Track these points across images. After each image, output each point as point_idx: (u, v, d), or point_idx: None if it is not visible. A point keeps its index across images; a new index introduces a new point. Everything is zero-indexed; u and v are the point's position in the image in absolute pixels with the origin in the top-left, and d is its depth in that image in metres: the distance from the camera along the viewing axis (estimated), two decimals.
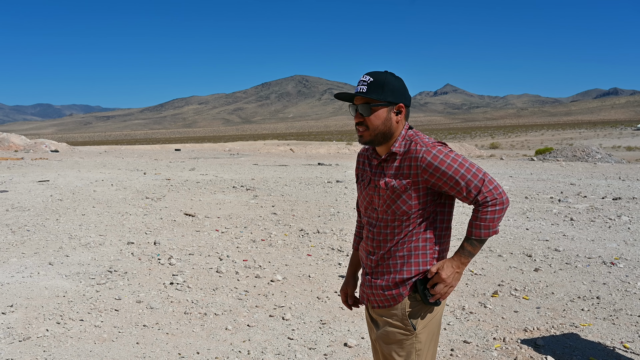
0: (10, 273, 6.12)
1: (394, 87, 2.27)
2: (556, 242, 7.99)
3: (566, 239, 8.16)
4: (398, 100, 2.28)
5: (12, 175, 17.18)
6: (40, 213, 9.93)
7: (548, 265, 6.72)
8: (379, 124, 2.27)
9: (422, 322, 2.32)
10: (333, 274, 6.35)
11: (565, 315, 5.05)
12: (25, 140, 34.81)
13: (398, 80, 2.30)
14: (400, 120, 2.31)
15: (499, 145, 67.82)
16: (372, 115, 2.27)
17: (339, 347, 4.36)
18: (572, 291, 5.71)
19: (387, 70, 2.32)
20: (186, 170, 20.29)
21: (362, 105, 2.27)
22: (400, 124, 2.31)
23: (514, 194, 13.33)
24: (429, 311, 2.33)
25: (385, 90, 2.25)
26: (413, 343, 2.31)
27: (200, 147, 50.04)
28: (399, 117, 2.30)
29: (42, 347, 4.20)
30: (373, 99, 2.25)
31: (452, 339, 4.51)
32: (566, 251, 7.41)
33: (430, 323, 2.35)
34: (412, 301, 2.31)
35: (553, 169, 21.36)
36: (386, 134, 2.29)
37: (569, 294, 5.62)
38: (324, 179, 17.02)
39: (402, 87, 2.31)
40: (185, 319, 4.89)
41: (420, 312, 2.32)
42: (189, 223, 9.26)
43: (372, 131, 2.28)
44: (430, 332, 2.36)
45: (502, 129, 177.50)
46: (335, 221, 9.58)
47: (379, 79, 2.26)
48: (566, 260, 6.96)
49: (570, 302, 5.38)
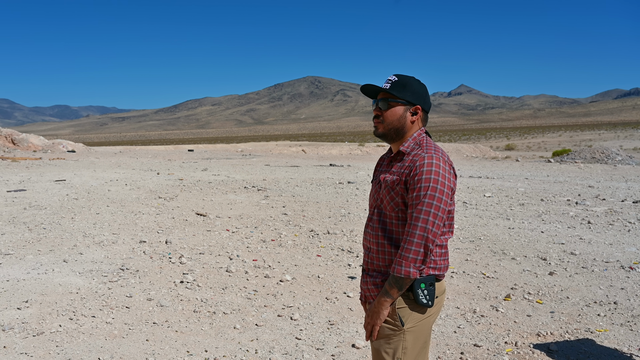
0: (26, 270, 6.25)
1: (414, 90, 2.44)
2: (572, 245, 7.88)
3: (583, 243, 8.04)
4: (416, 102, 2.43)
5: (30, 174, 17.42)
6: (57, 212, 10.08)
7: (563, 269, 6.64)
8: (394, 120, 2.42)
9: (412, 320, 2.38)
10: (342, 275, 6.40)
11: (580, 320, 4.99)
12: (44, 140, 35.18)
13: (421, 85, 2.47)
14: (416, 122, 2.45)
15: (515, 147, 67.08)
16: (389, 111, 2.43)
17: (346, 348, 4.40)
18: (588, 296, 5.64)
19: (414, 77, 2.47)
20: (199, 171, 20.42)
21: (382, 100, 2.44)
22: (415, 125, 2.45)
23: (529, 196, 13.22)
24: (421, 311, 2.39)
25: (406, 90, 2.41)
26: (400, 339, 2.37)
27: (213, 148, 50.23)
28: (415, 118, 2.44)
29: (54, 342, 4.30)
30: (393, 94, 2.41)
31: (462, 342, 4.51)
32: (583, 255, 7.31)
33: (420, 324, 2.40)
34: (404, 298, 2.37)
35: (571, 171, 21.11)
36: (399, 131, 2.43)
37: (584, 299, 5.54)
38: (336, 180, 17.06)
39: (423, 91, 2.46)
40: (195, 317, 4.96)
41: (411, 310, 2.38)
42: (200, 223, 9.36)
43: (387, 125, 2.43)
44: (419, 333, 2.41)
45: (518, 130, 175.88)
46: (345, 222, 9.63)
47: (403, 80, 2.43)
48: (582, 264, 6.86)
49: (586, 307, 5.31)
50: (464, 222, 9.72)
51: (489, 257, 7.26)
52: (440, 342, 4.54)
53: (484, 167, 23.92)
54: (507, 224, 9.50)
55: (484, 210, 10.99)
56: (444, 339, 4.61)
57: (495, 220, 9.93)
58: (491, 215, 10.47)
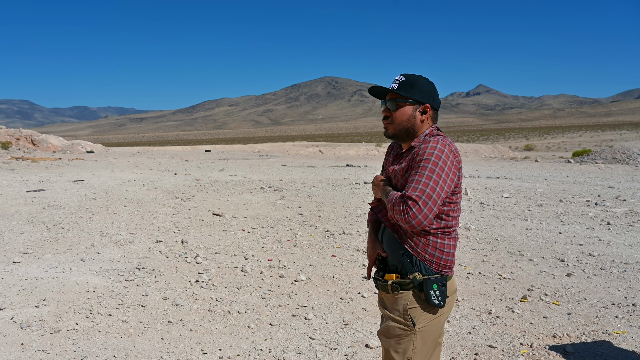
0: (44, 268, 6.32)
1: (422, 88, 2.43)
2: (591, 246, 7.79)
3: (602, 244, 7.95)
4: (425, 101, 2.43)
5: (49, 175, 17.65)
6: (75, 211, 10.19)
7: (581, 270, 6.56)
8: (404, 120, 2.42)
9: (423, 320, 2.38)
10: (357, 275, 6.39)
11: (597, 322, 4.92)
12: (63, 141, 35.61)
13: (429, 83, 2.45)
14: (425, 120, 2.44)
15: (534, 147, 66.37)
16: (398, 111, 2.43)
17: (360, 348, 4.39)
18: (606, 297, 5.56)
19: (423, 76, 2.48)
20: (215, 171, 20.53)
21: (391, 101, 2.44)
22: (424, 123, 2.44)
23: (548, 196, 13.08)
24: (432, 312, 2.39)
25: (414, 90, 2.41)
26: (411, 340, 2.38)
27: (230, 148, 50.49)
28: (424, 116, 2.44)
29: (71, 339, 4.34)
30: (401, 95, 2.42)
31: (477, 343, 4.47)
32: (601, 256, 7.21)
33: (432, 324, 2.40)
34: (416, 299, 2.38)
35: (591, 171, 20.85)
36: (409, 131, 2.44)
37: (602, 300, 5.47)
38: (352, 180, 17.04)
39: (431, 89, 2.45)
40: (209, 317, 4.98)
41: (423, 310, 2.38)
42: (217, 223, 9.40)
43: (397, 126, 2.44)
44: (430, 333, 2.41)
45: (538, 130, 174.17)
46: (361, 222, 9.61)
47: (410, 79, 2.43)
48: (601, 265, 6.78)
49: (603, 309, 5.24)
50: (480, 222, 9.66)
51: (506, 258, 7.20)
52: (455, 343, 4.51)
53: (502, 168, 23.74)
54: (524, 225, 9.41)
55: (501, 211, 10.90)
56: (458, 339, 4.58)
57: (513, 221, 9.84)
58: (508, 216, 10.38)
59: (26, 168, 20.14)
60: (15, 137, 32.71)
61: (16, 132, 33.85)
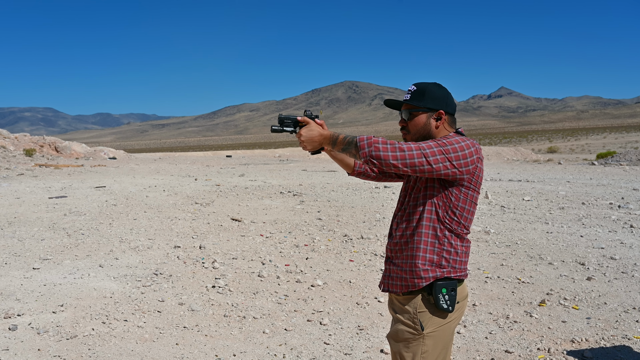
0: (63, 274, 6.39)
1: (434, 95, 2.45)
2: (612, 249, 7.67)
3: (624, 247, 7.82)
4: (438, 107, 2.45)
5: (71, 181, 17.88)
6: (95, 217, 10.30)
7: (602, 274, 6.46)
8: (419, 128, 2.46)
9: (432, 324, 2.37)
10: (374, 280, 6.34)
11: (617, 326, 4.84)
12: (86, 148, 36.08)
13: (440, 89, 2.49)
14: (441, 126, 2.46)
15: (558, 149, 65.63)
16: (413, 121, 2.48)
17: (375, 354, 4.36)
18: (626, 301, 5.47)
19: (436, 82, 2.52)
20: (236, 176, 20.62)
21: (405, 111, 2.50)
22: (440, 129, 2.46)
23: (570, 199, 12.90)
24: (441, 316, 2.38)
25: (426, 98, 2.45)
26: (419, 344, 2.37)
27: (250, 154, 50.72)
28: (439, 122, 2.47)
29: (87, 345, 4.37)
30: (413, 105, 2.46)
31: (494, 348, 4.42)
32: (623, 259, 7.10)
33: (441, 329, 2.39)
34: (425, 303, 2.38)
35: (615, 173, 20.55)
36: (426, 138, 2.46)
37: (623, 305, 5.38)
38: (372, 184, 16.98)
39: (443, 95, 2.47)
40: (225, 322, 4.98)
41: (432, 315, 2.38)
42: (235, 228, 9.42)
43: (413, 135, 2.49)
44: (439, 338, 2.39)
45: (561, 132, 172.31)
46: (380, 227, 9.56)
47: (421, 88, 2.47)
48: (622, 269, 6.66)
49: (624, 313, 5.15)
50: (500, 226, 9.55)
51: (525, 262, 7.11)
52: (471, 348, 4.46)
53: (524, 171, 23.49)
54: (545, 228, 9.29)
55: (522, 215, 10.77)
56: (474, 344, 4.52)
57: (533, 224, 9.72)
58: (529, 219, 10.25)
59: (49, 175, 20.43)
60: (39, 144, 33.22)
61: (40, 139, 34.34)
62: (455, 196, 2.35)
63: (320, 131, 2.44)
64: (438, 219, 2.36)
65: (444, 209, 2.36)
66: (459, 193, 2.35)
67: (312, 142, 2.45)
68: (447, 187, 2.34)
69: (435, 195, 2.36)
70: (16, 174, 20.43)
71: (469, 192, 2.36)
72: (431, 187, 2.37)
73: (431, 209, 2.37)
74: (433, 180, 2.36)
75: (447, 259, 2.37)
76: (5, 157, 27.03)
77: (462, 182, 2.34)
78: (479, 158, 2.34)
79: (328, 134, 2.43)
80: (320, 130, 2.45)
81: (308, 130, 2.45)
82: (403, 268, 2.43)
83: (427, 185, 2.38)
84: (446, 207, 2.35)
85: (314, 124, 2.48)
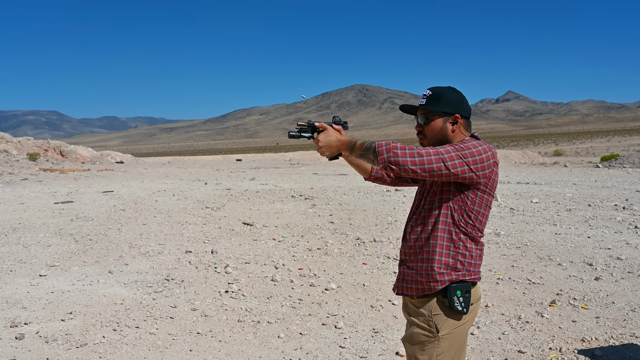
0: (71, 281, 6.29)
1: (449, 99, 2.45)
2: (619, 250, 7.74)
3: (629, 247, 7.88)
4: (453, 111, 2.45)
5: (78, 186, 17.83)
6: (103, 223, 10.22)
7: (609, 274, 6.51)
8: (436, 132, 2.46)
9: (447, 327, 2.39)
10: (388, 283, 6.23)
11: (625, 325, 4.88)
12: (92, 152, 36.02)
13: (456, 93, 2.49)
14: (457, 130, 2.48)
15: (563, 152, 66.01)
16: (429, 125, 2.48)
17: (390, 356, 4.30)
18: (634, 300, 5.52)
19: (450, 86, 2.51)
20: (246, 180, 20.55)
21: (421, 116, 2.50)
22: (456, 133, 2.48)
23: (576, 201, 12.92)
24: (456, 318, 2.41)
25: (441, 102, 2.44)
26: (435, 347, 2.39)
27: (261, 157, 50.68)
28: (455, 126, 2.46)
29: (97, 353, 4.27)
30: (430, 110, 2.46)
31: (507, 349, 4.42)
32: (629, 259, 7.16)
33: (455, 331, 2.40)
34: (439, 305, 2.39)
35: (619, 175, 20.64)
36: (443, 142, 2.46)
37: (630, 304, 5.43)
38: (383, 187, 16.86)
39: (458, 99, 2.47)
40: (239, 327, 4.87)
41: (446, 317, 2.39)
42: (247, 232, 9.32)
43: (430, 139, 2.49)
44: (454, 341, 2.41)
45: (566, 135, 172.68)
46: (392, 230, 9.44)
47: (436, 92, 2.47)
48: (629, 269, 6.72)
49: (631, 312, 5.20)
50: (510, 228, 9.54)
51: (535, 263, 7.15)
52: (485, 348, 4.45)
53: (532, 173, 23.51)
54: (553, 230, 9.32)
55: (530, 216, 10.75)
56: (488, 345, 4.52)
57: (542, 226, 9.73)
58: (538, 221, 10.26)
59: (54, 179, 20.36)
60: (43, 148, 32.90)
61: (44, 143, 33.95)
62: (471, 200, 2.35)
63: (338, 137, 2.46)
64: (454, 222, 2.37)
65: (459, 212, 2.36)
66: (474, 197, 2.35)
67: (330, 147, 2.46)
68: (463, 190, 2.35)
69: (451, 198, 2.37)
70: (20, 178, 20.35)
71: (484, 196, 2.38)
72: (447, 191, 2.37)
73: (447, 213, 2.37)
74: (449, 184, 2.36)
75: (462, 262, 2.38)
76: (8, 161, 26.72)
77: (478, 186, 2.35)
78: (495, 162, 2.35)
79: (346, 140, 2.43)
80: (337, 135, 2.47)
81: (326, 136, 2.46)
82: (418, 271, 2.43)
83: (443, 189, 2.38)
84: (462, 210, 2.36)
85: (332, 129, 2.51)
